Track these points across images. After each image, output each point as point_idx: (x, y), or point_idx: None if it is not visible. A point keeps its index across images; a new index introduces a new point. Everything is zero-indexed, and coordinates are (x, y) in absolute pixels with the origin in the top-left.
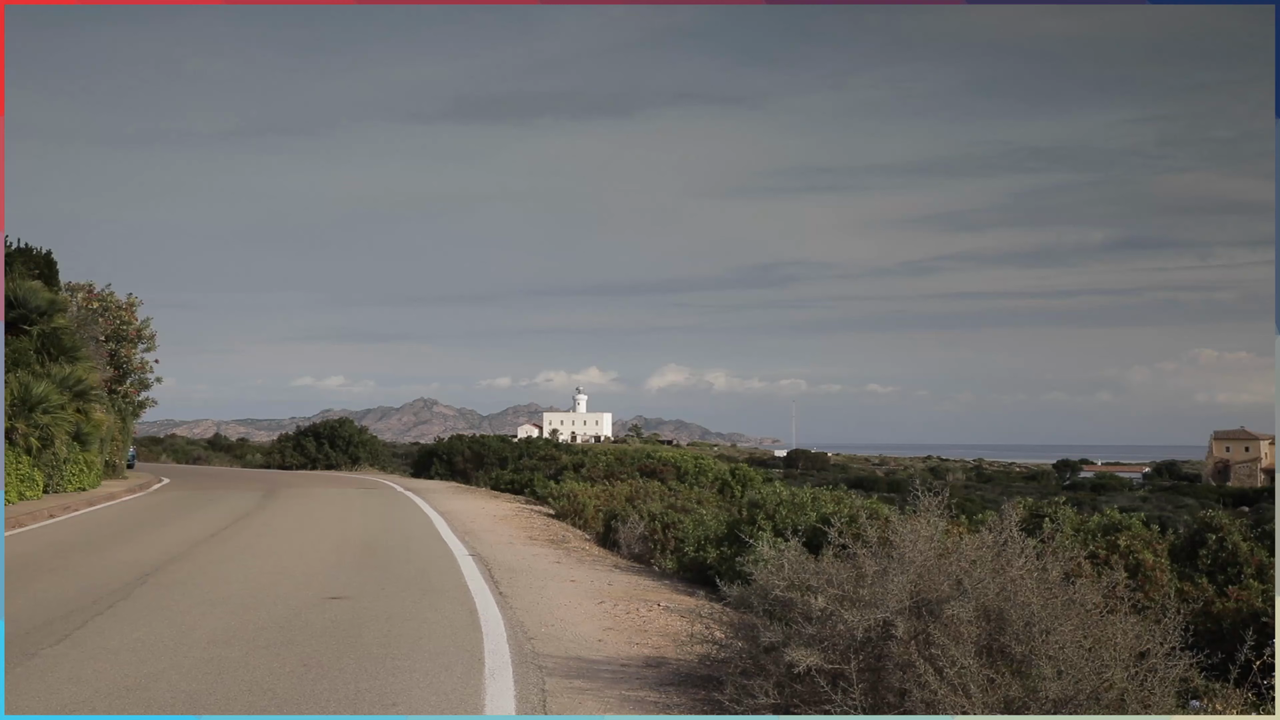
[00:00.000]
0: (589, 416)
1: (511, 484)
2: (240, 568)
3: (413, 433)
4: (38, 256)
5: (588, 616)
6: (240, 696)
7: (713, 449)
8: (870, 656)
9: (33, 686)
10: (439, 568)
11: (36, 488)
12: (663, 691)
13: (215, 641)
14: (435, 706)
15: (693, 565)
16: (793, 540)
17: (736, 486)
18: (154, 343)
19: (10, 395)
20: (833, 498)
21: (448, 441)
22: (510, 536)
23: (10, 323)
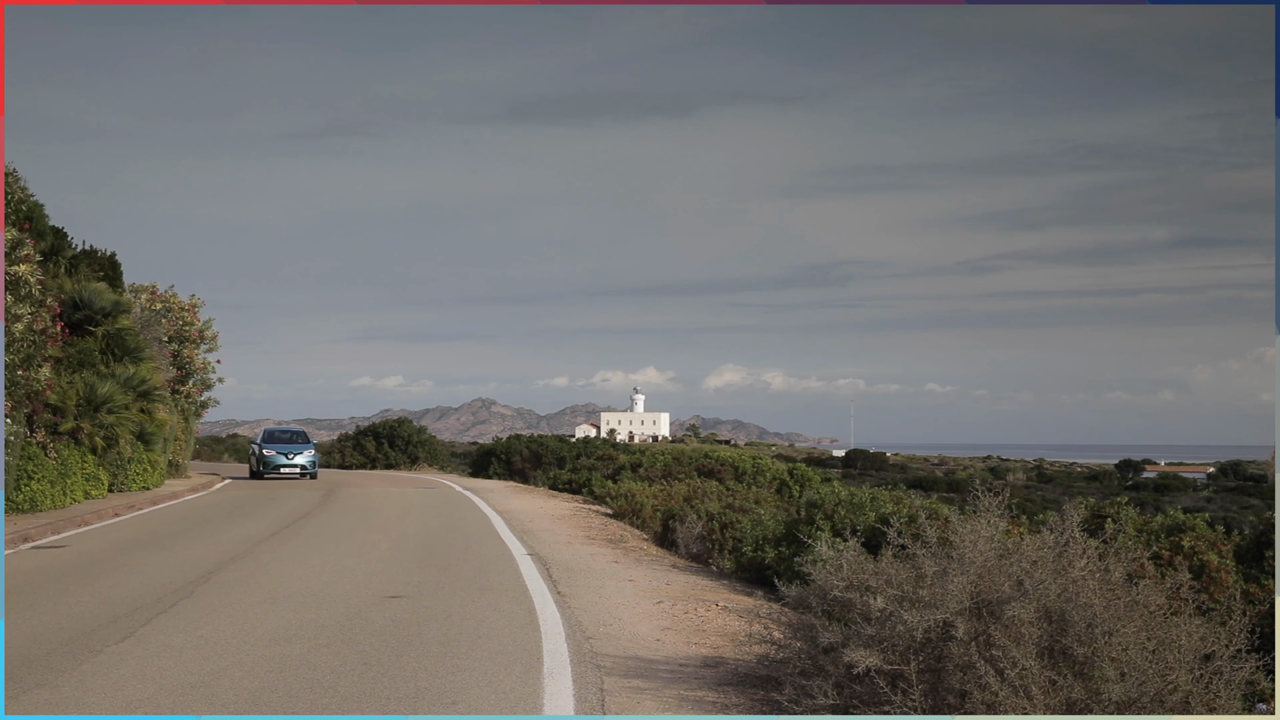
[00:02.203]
0: (646, 416)
1: (569, 483)
2: (301, 566)
3: (471, 432)
4: (102, 258)
5: (646, 616)
6: (302, 694)
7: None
8: (930, 657)
9: (99, 683)
10: (497, 567)
11: (102, 487)
12: (721, 691)
13: (277, 639)
14: (494, 705)
15: (751, 565)
16: (851, 540)
17: (794, 486)
18: (216, 343)
19: (76, 395)
20: (891, 498)
21: (506, 441)
22: (568, 536)
23: (76, 324)
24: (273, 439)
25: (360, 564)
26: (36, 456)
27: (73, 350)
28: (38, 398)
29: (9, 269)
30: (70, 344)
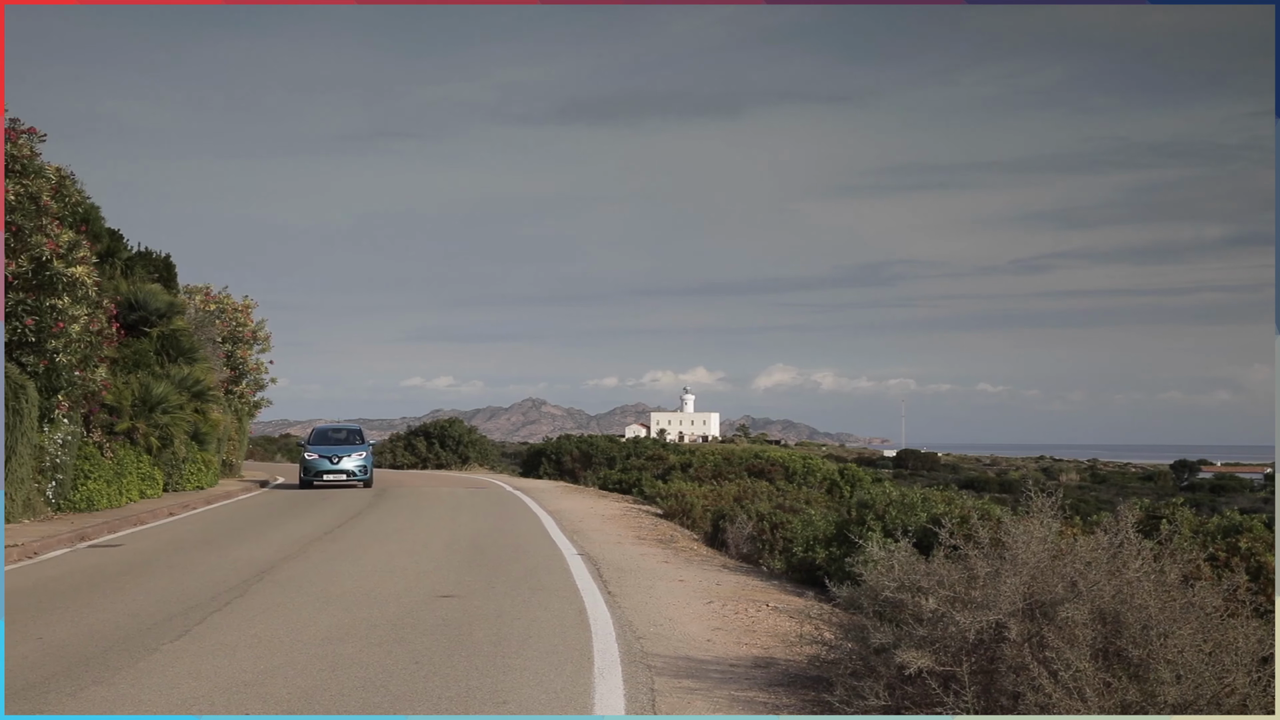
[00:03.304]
0: (696, 416)
1: (619, 484)
2: (352, 566)
3: (521, 432)
4: (157, 260)
5: (696, 616)
6: (354, 693)
7: (821, 449)
8: (983, 659)
9: (154, 681)
10: (548, 567)
11: (157, 486)
12: (772, 692)
13: (329, 638)
14: (545, 705)
15: (801, 565)
16: (903, 541)
17: (845, 487)
18: (269, 344)
19: (131, 395)
20: (943, 498)
21: (556, 441)
22: (618, 536)
23: (131, 325)
24: (321, 439)
25: (411, 563)
26: (93, 456)
27: (128, 351)
28: (94, 398)
29: (67, 270)
30: (126, 345)
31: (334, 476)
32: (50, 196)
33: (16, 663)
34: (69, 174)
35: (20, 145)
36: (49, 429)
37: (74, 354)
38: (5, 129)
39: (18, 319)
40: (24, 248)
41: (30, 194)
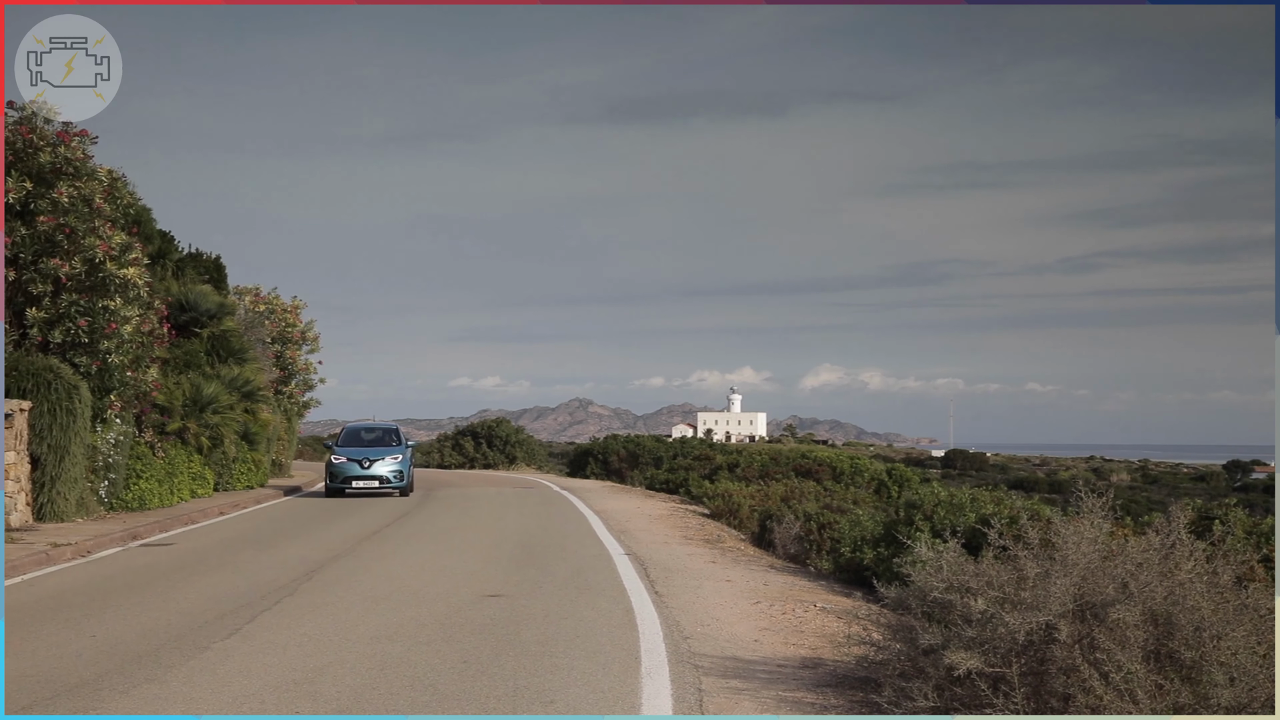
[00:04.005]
0: (743, 416)
1: (666, 484)
2: (401, 565)
3: (568, 432)
4: (208, 261)
5: (743, 616)
6: (402, 692)
7: (868, 449)
8: (1032, 660)
9: (205, 679)
10: (595, 566)
11: (207, 485)
12: (820, 693)
13: (378, 637)
14: (592, 705)
15: (849, 566)
16: (951, 541)
17: (893, 487)
18: (318, 344)
19: (182, 395)
20: (992, 498)
21: (603, 441)
22: (665, 536)
23: (182, 325)
24: (352, 439)
25: (459, 563)
26: (145, 456)
27: (179, 351)
28: (146, 398)
29: (119, 271)
30: (177, 345)
31: (365, 484)
32: (102, 199)
33: (71, 660)
34: (121, 176)
35: (73, 148)
36: (102, 429)
37: (126, 355)
38: (58, 131)
39: (71, 320)
40: (77, 249)
41: (83, 196)
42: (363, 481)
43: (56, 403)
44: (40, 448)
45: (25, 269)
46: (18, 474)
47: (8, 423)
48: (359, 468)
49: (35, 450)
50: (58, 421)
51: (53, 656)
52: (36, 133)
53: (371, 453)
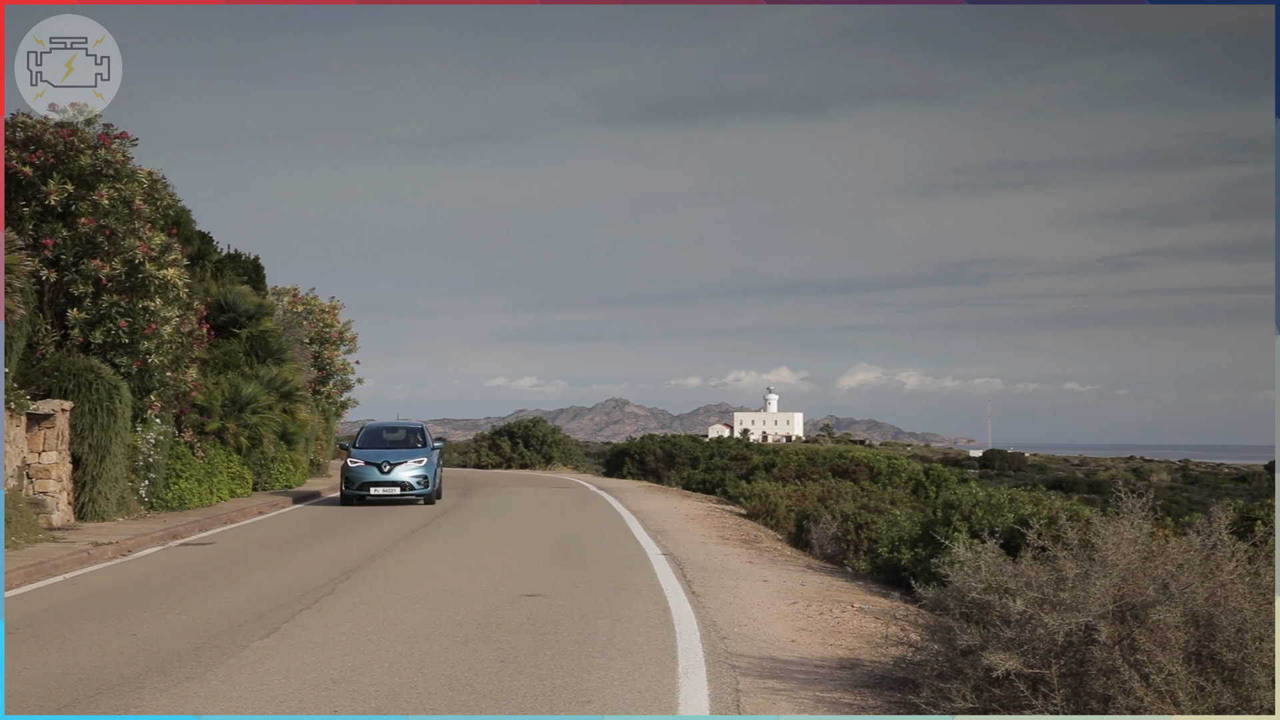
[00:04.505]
0: (780, 416)
1: (703, 483)
2: (438, 564)
3: (605, 432)
4: (246, 262)
5: (780, 617)
6: (440, 691)
7: (905, 449)
8: (1072, 661)
9: (244, 678)
10: (632, 566)
11: (246, 485)
12: (857, 693)
13: (416, 636)
14: (630, 704)
15: (886, 566)
16: (989, 542)
17: (931, 487)
18: (355, 344)
19: (221, 396)
20: (1031, 498)
21: (639, 441)
22: (702, 536)
23: (221, 326)
24: (371, 440)
25: (496, 562)
26: (184, 456)
27: (218, 352)
28: (185, 398)
29: (159, 272)
30: (216, 346)
31: (384, 490)
32: (142, 200)
33: (112, 658)
34: (160, 178)
35: (113, 150)
36: (142, 429)
37: (166, 355)
38: (99, 134)
39: (112, 321)
40: (117, 251)
41: (123, 198)
42: (382, 488)
43: (97, 403)
44: (81, 447)
45: (66, 270)
46: (59, 474)
47: (49, 423)
48: (377, 472)
49: (76, 450)
50: (99, 421)
51: (94, 654)
52: (77, 135)
53: (392, 455)
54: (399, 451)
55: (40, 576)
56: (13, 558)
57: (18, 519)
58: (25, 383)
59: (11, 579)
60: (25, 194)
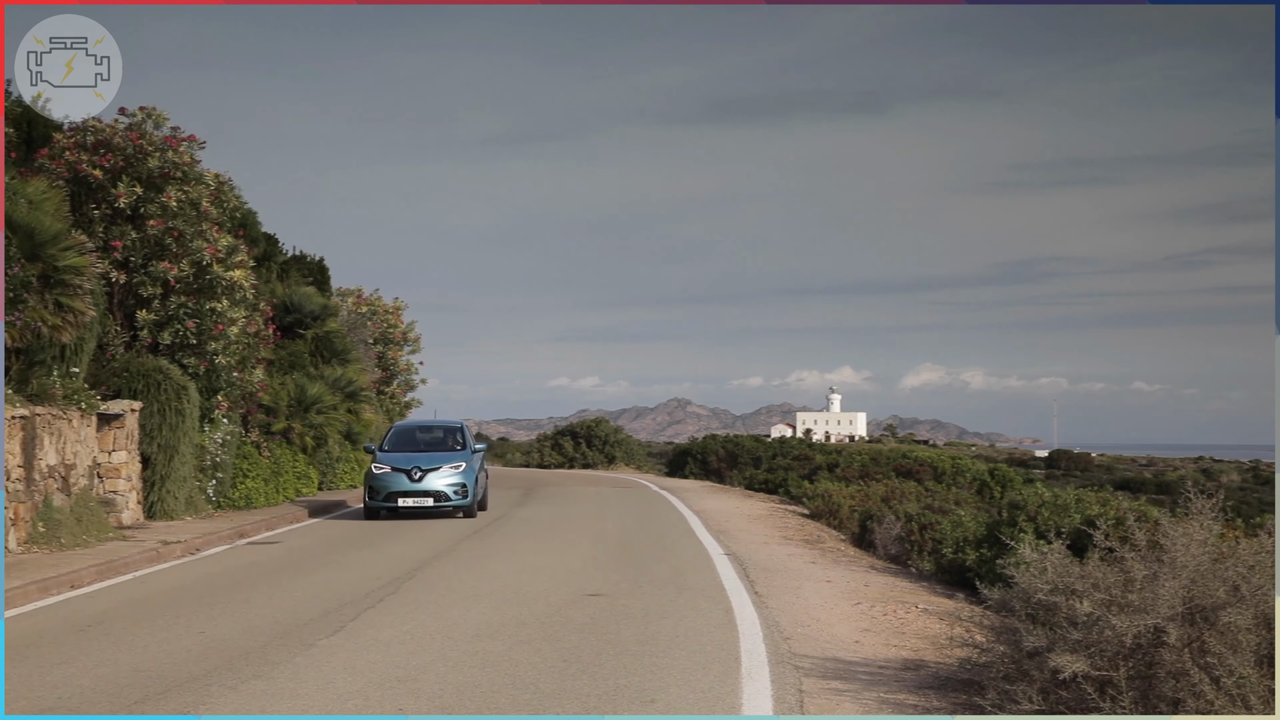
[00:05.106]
0: (843, 416)
1: (765, 483)
2: (501, 564)
3: (667, 432)
4: (311, 263)
5: (844, 617)
6: (503, 690)
7: (970, 449)
8: (1140, 663)
9: (310, 676)
10: (694, 566)
11: (312, 485)
12: (922, 695)
13: (479, 635)
14: (693, 704)
15: (951, 567)
16: (1056, 543)
17: (996, 487)
18: (419, 345)
19: (287, 396)
20: (1097, 499)
21: (702, 441)
22: (765, 536)
23: (287, 327)
24: (402, 441)
25: (559, 562)
26: (251, 455)
27: (284, 352)
28: (252, 398)
29: (226, 274)
30: (282, 346)
31: (414, 501)
32: (209, 202)
33: (180, 656)
34: (227, 180)
35: (180, 152)
36: (209, 429)
37: (233, 355)
38: (167, 136)
39: (179, 322)
40: (185, 252)
41: (191, 200)
42: (412, 499)
43: (166, 403)
44: (150, 447)
45: (135, 272)
46: (129, 473)
47: (119, 422)
48: (406, 480)
49: (146, 450)
50: (167, 421)
51: (163, 652)
52: (146, 138)
53: (425, 460)
54: (433, 455)
55: (111, 575)
56: (84, 556)
57: (88, 517)
58: (95, 383)
59: (83, 577)
60: (95, 197)
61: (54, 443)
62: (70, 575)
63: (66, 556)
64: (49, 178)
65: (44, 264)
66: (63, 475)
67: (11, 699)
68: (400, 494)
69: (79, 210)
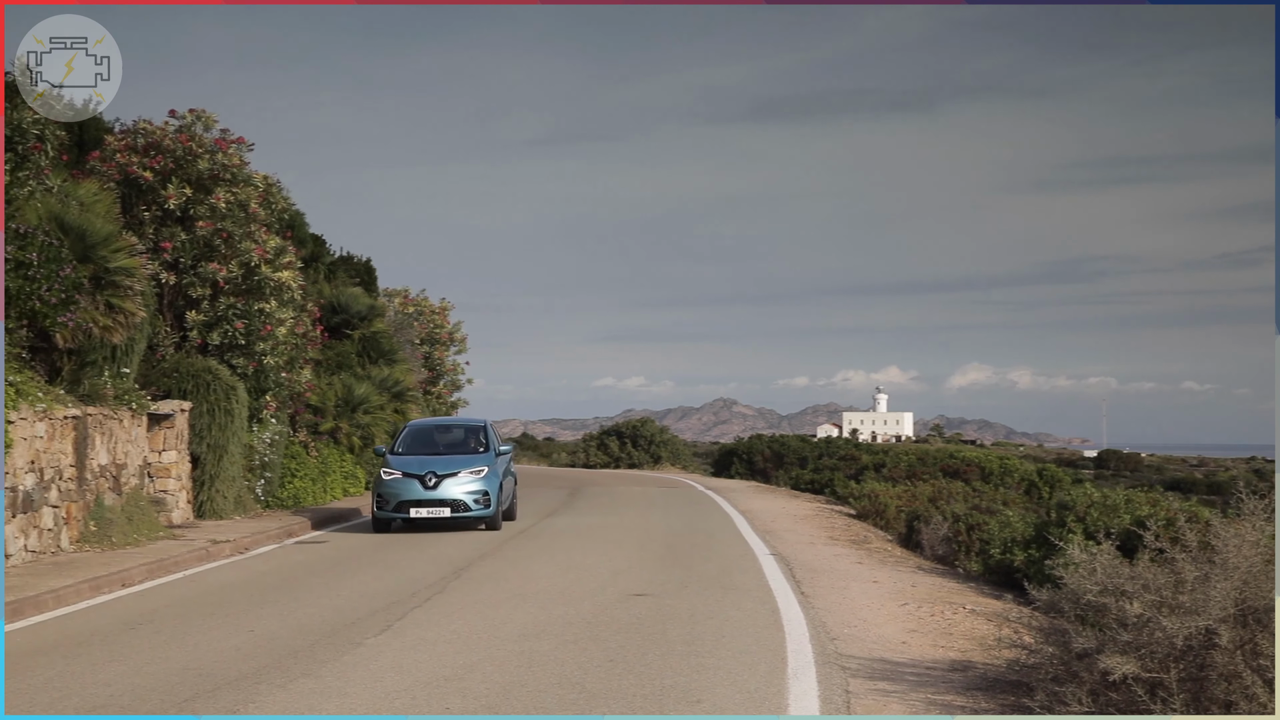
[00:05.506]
0: (889, 416)
1: (811, 484)
2: (547, 564)
3: (712, 432)
4: (358, 264)
5: (891, 618)
6: (550, 690)
7: (1018, 449)
8: (1192, 666)
9: (358, 675)
10: (740, 566)
11: (359, 484)
12: (970, 696)
13: (526, 635)
14: (739, 705)
15: (999, 568)
16: (1105, 543)
17: (1044, 487)
18: (465, 345)
19: (334, 396)
20: (1147, 499)
21: (747, 441)
22: (811, 536)
23: (334, 327)
24: (417, 442)
25: (604, 562)
26: (299, 455)
27: (331, 353)
28: (300, 399)
29: (274, 275)
30: (329, 347)
31: (429, 511)
32: (258, 204)
33: (230, 654)
34: (275, 181)
35: (230, 155)
36: (258, 428)
37: (281, 356)
38: (216, 139)
39: (229, 323)
40: (234, 254)
41: (239, 202)
42: (426, 509)
43: (215, 403)
44: (200, 447)
45: (185, 273)
46: (179, 472)
47: (169, 423)
48: (419, 487)
49: (195, 449)
50: (216, 421)
51: (213, 651)
52: (195, 140)
53: (441, 464)
54: (451, 458)
55: (162, 573)
56: (135, 554)
57: (139, 516)
58: (146, 384)
59: (134, 575)
60: (146, 198)
61: (105, 442)
62: (121, 574)
63: (118, 555)
64: (100, 180)
65: (95, 265)
66: (114, 475)
67: (65, 696)
68: (412, 503)
69: (129, 212)
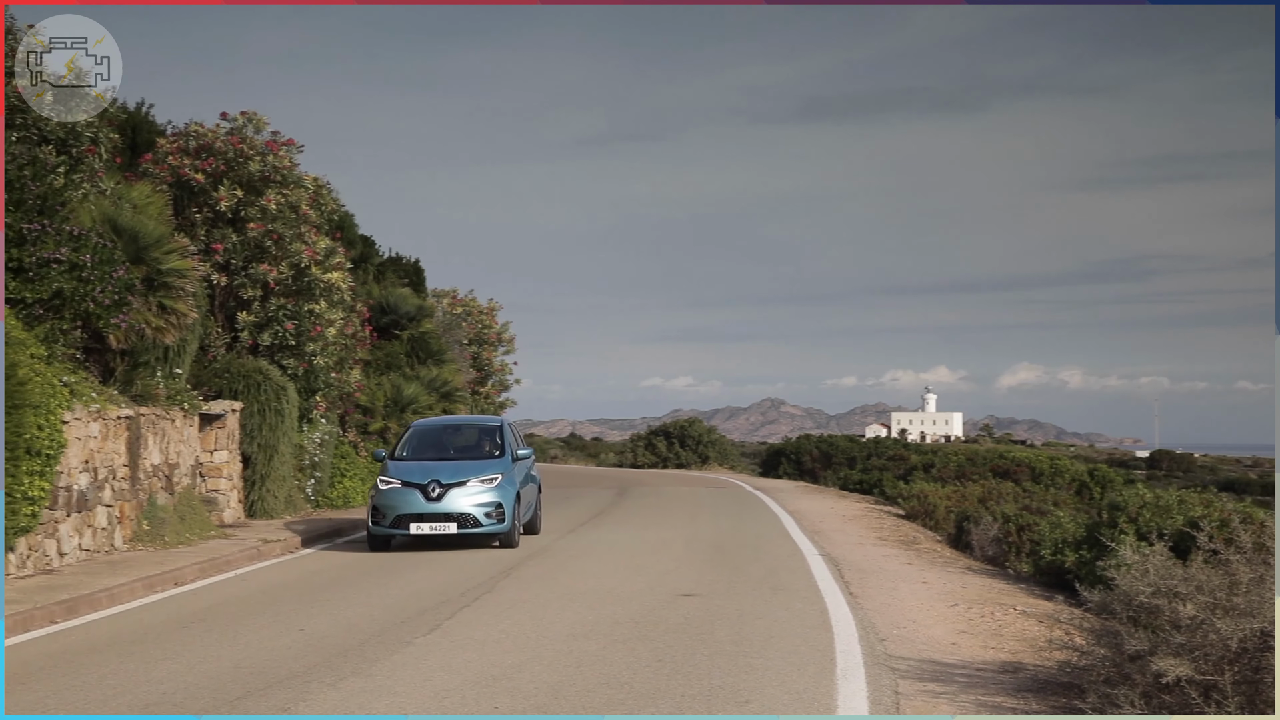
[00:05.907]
0: (938, 416)
1: (860, 484)
2: (595, 563)
3: (760, 432)
4: (407, 265)
5: (940, 619)
6: (599, 689)
7: (1069, 449)
8: (1246, 668)
9: (408, 673)
10: (788, 567)
11: None
12: (1020, 698)
13: (574, 635)
14: (788, 705)
15: (1049, 569)
16: (1158, 544)
17: (1095, 488)
18: (513, 345)
19: (384, 396)
20: (1201, 500)
21: (795, 441)
22: (859, 537)
23: (383, 328)
24: (422, 445)
25: (653, 562)
26: (348, 455)
27: (380, 353)
28: (349, 399)
29: (323, 276)
30: (378, 347)
31: (431, 527)
32: (308, 205)
33: (280, 653)
34: (325, 183)
35: (280, 157)
36: (308, 429)
37: (330, 356)
38: (267, 141)
39: (279, 323)
40: (284, 255)
41: (290, 203)
42: (428, 524)
43: (266, 403)
44: (251, 447)
45: (236, 274)
46: (230, 472)
47: (220, 423)
48: (421, 498)
49: (246, 449)
50: (267, 421)
51: (264, 649)
52: (246, 143)
53: (447, 471)
54: (460, 465)
55: (213, 572)
56: (187, 554)
57: (191, 516)
58: (197, 384)
59: (186, 574)
60: (197, 200)
61: (158, 442)
62: (174, 572)
63: (170, 554)
64: (153, 182)
65: (148, 267)
66: (166, 474)
67: (119, 694)
68: (412, 517)
69: (181, 214)
